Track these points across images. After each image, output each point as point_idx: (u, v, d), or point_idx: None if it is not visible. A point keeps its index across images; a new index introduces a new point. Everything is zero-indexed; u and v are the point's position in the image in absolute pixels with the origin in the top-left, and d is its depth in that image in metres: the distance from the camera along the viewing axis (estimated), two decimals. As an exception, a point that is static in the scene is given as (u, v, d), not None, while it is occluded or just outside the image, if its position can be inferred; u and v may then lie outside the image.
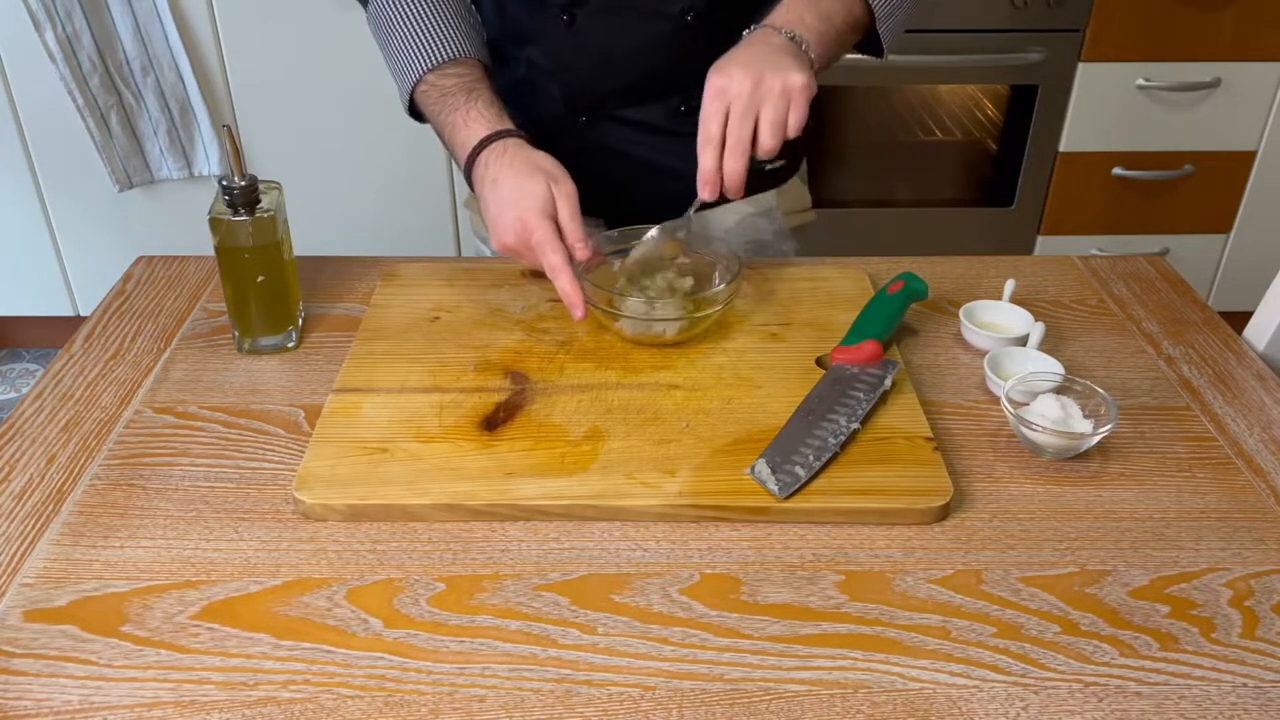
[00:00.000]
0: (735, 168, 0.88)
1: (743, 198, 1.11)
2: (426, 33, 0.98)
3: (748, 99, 0.86)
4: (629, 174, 1.08)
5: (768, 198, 1.13)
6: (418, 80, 0.99)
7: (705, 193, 0.90)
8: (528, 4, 1.02)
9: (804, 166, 1.19)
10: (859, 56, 1.04)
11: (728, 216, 1.10)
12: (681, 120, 1.06)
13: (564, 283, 0.88)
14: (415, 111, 1.03)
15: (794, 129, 0.88)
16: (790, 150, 1.12)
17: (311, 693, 0.62)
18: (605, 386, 0.87)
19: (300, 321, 0.96)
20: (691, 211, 0.94)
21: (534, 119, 0.98)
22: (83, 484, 0.78)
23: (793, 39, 0.90)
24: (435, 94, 0.99)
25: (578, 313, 0.89)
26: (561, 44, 1.03)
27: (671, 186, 0.95)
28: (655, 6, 1.00)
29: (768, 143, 0.88)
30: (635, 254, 0.96)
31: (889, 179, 2.30)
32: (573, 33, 1.02)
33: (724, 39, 0.94)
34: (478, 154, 0.95)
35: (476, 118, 0.96)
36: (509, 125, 0.96)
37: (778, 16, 0.92)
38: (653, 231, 0.96)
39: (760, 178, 1.08)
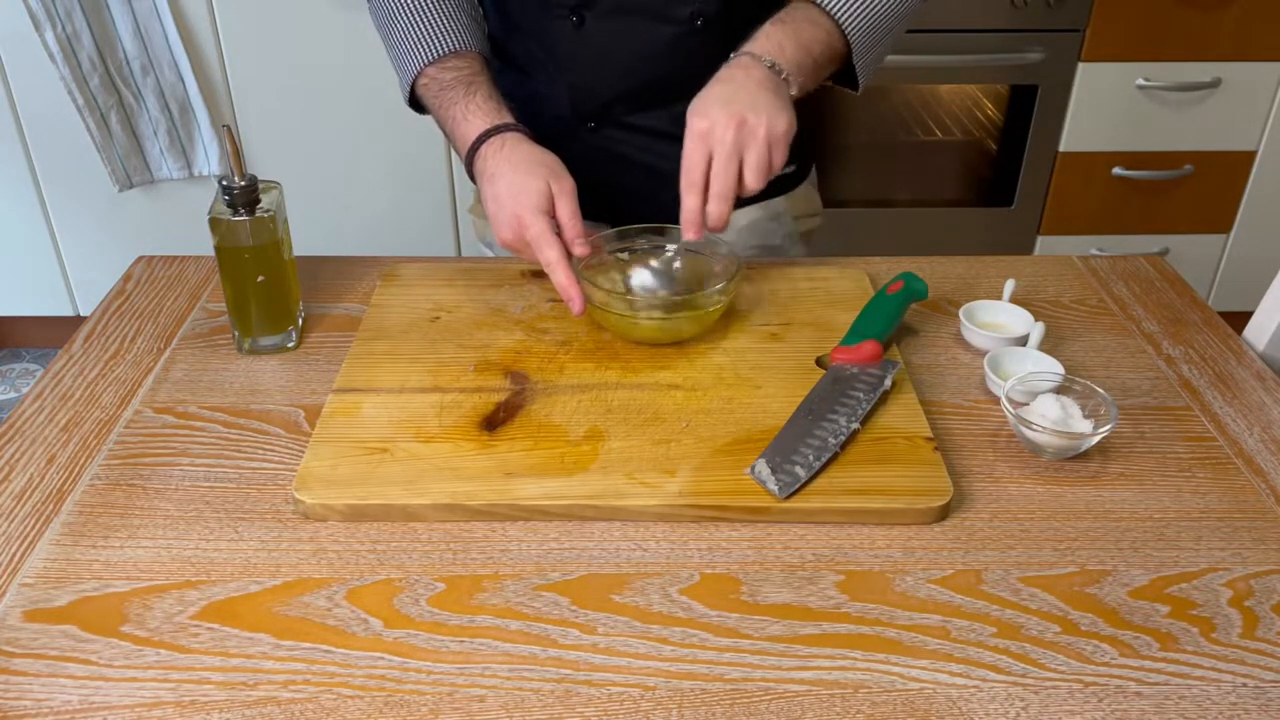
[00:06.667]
0: (721, 211, 0.88)
1: (752, 203, 1.11)
2: (427, 25, 0.98)
3: (731, 144, 0.87)
4: (634, 179, 1.08)
5: (777, 202, 1.13)
6: (418, 73, 0.99)
7: (690, 234, 0.90)
8: (535, 6, 1.02)
9: (813, 172, 1.19)
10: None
11: (737, 219, 1.10)
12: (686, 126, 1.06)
13: (560, 277, 0.88)
14: (416, 103, 1.03)
15: (776, 171, 0.89)
16: (800, 155, 1.12)
17: (311, 693, 0.62)
18: (605, 386, 0.87)
19: (300, 321, 0.96)
20: (676, 254, 0.95)
21: (539, 124, 0.98)
22: (83, 484, 0.78)
23: (772, 68, 0.90)
24: (435, 87, 0.99)
25: (575, 307, 0.88)
26: (569, 46, 1.03)
27: (677, 192, 0.95)
28: (664, 10, 0.99)
29: (753, 186, 0.89)
30: (634, 282, 0.96)
31: (889, 179, 2.30)
32: (580, 35, 1.01)
33: (732, 45, 0.94)
34: (477, 149, 0.95)
35: (475, 111, 0.96)
36: (508, 119, 0.96)
37: (759, 44, 0.92)
38: (642, 276, 0.96)
39: (771, 182, 1.09)
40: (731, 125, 0.87)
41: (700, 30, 1.00)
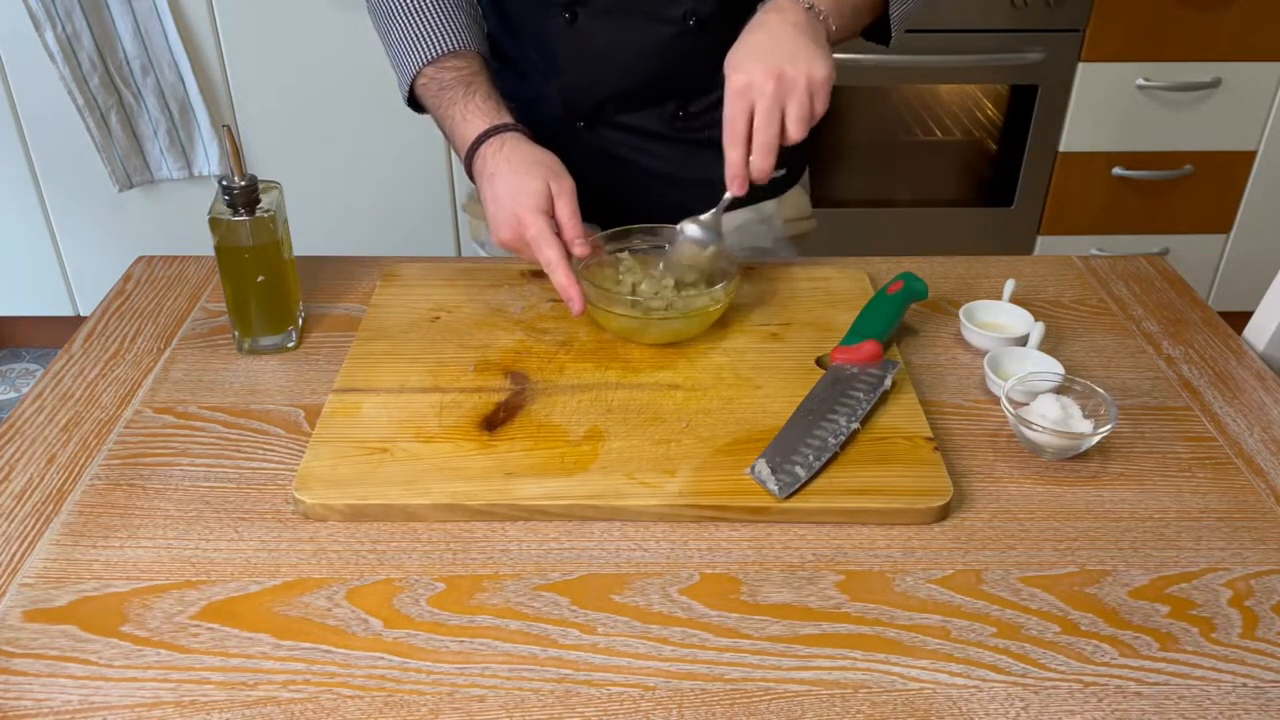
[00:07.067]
0: (764, 165, 0.87)
1: (743, 206, 1.11)
2: (426, 24, 0.98)
3: (771, 97, 0.85)
4: (626, 180, 1.08)
5: (768, 205, 1.13)
6: (417, 73, 0.99)
7: (734, 188, 0.88)
8: (530, 2, 1.02)
9: (805, 175, 1.19)
10: (861, 56, 1.04)
11: (727, 222, 1.10)
12: (679, 126, 1.06)
13: (560, 277, 0.88)
14: (415, 103, 1.03)
15: (818, 118, 0.88)
16: (791, 159, 1.12)
17: (311, 693, 0.62)
18: (605, 386, 0.87)
19: (300, 321, 0.96)
20: (722, 207, 0.93)
21: (534, 124, 0.98)
22: (83, 484, 0.78)
23: (810, 9, 0.88)
24: (434, 87, 0.99)
25: (575, 307, 0.88)
26: (562, 44, 1.03)
27: (669, 193, 0.95)
28: (658, 9, 0.99)
29: (795, 136, 0.87)
30: (672, 254, 0.94)
31: (889, 179, 2.30)
32: (574, 32, 1.01)
33: (725, 46, 0.94)
34: (476, 149, 0.95)
35: (475, 111, 0.96)
36: (507, 119, 0.96)
37: None
38: (687, 228, 0.93)
39: (761, 186, 1.09)
40: (771, 78, 0.85)
41: (693, 30, 1.00)
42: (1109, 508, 0.77)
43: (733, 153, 0.88)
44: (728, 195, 0.90)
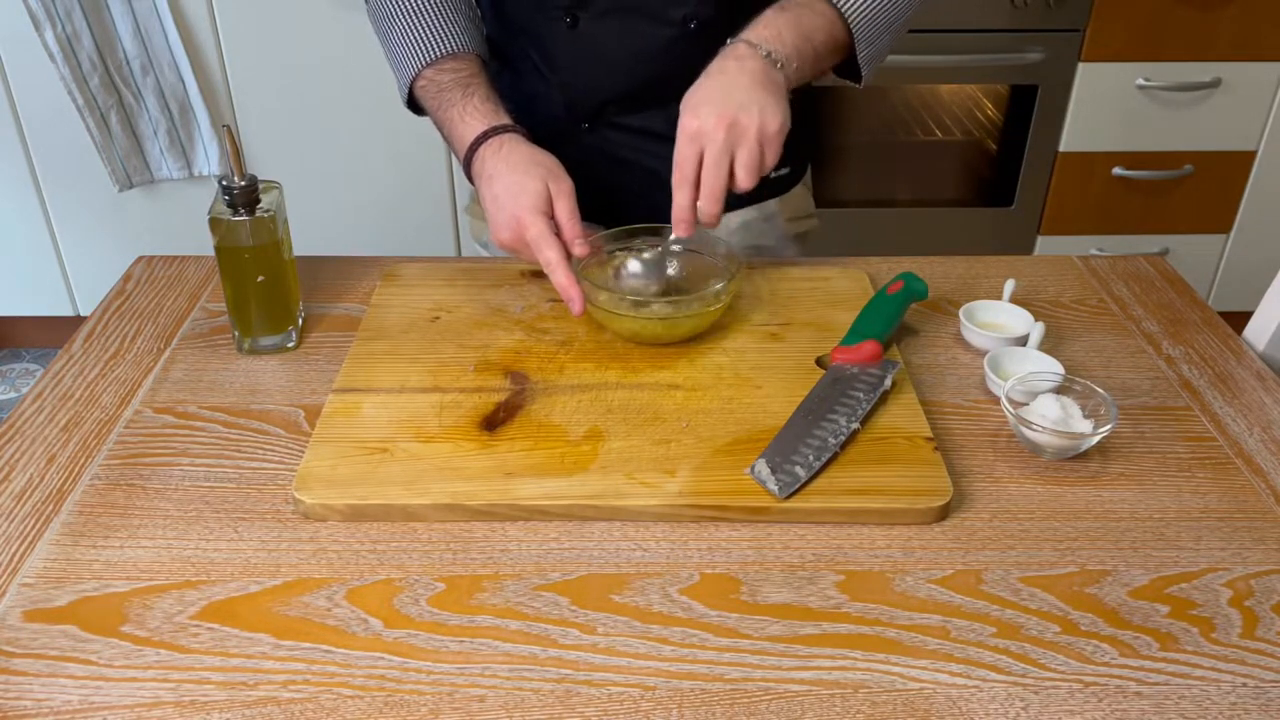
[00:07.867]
0: (712, 210, 0.88)
1: (745, 205, 1.11)
2: (425, 27, 0.98)
3: (721, 144, 0.86)
4: (631, 181, 1.08)
5: (770, 204, 1.13)
6: (415, 75, 0.99)
7: (680, 230, 0.89)
8: (531, 6, 1.02)
9: (808, 174, 1.19)
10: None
11: (731, 220, 1.10)
12: None
13: (560, 278, 0.88)
14: (414, 105, 1.03)
15: (768, 169, 0.89)
16: (794, 158, 1.12)
17: (311, 693, 0.62)
18: (605, 386, 0.87)
19: (300, 321, 0.96)
20: (666, 247, 0.94)
21: (535, 125, 0.98)
22: (83, 484, 0.78)
23: (769, 57, 0.89)
24: (433, 89, 0.99)
25: (575, 307, 0.88)
26: (563, 46, 1.03)
27: (670, 194, 0.95)
28: (659, 12, 0.99)
29: (743, 186, 0.88)
30: (620, 282, 0.95)
31: (889, 179, 2.30)
32: (574, 35, 1.01)
33: None
34: (475, 150, 0.95)
35: (473, 113, 0.96)
36: (505, 120, 0.96)
37: (757, 31, 0.91)
38: (632, 265, 0.95)
39: (764, 184, 1.08)
40: (722, 126, 0.86)
41: (694, 33, 1.00)
42: (1109, 508, 0.77)
43: (680, 196, 0.88)
44: (672, 235, 0.91)
